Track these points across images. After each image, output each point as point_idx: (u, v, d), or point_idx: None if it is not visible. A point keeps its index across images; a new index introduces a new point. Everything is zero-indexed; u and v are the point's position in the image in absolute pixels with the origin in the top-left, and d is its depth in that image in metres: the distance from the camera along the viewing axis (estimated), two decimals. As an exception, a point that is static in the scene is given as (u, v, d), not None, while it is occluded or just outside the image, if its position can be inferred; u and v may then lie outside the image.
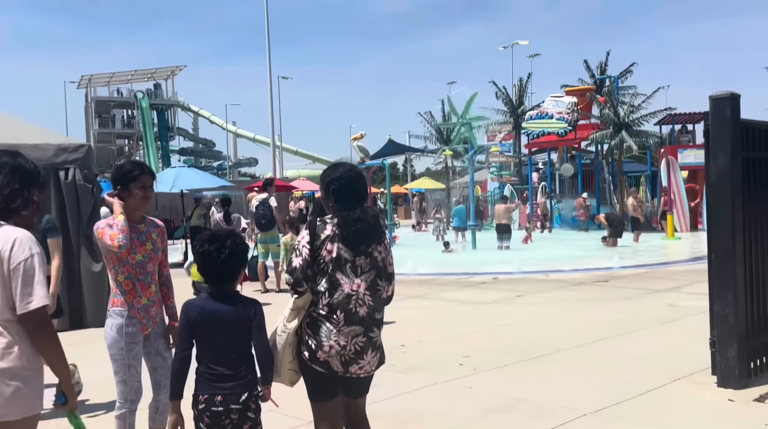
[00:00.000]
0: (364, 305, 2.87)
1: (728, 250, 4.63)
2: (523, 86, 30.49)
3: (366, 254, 2.90)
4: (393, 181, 60.11)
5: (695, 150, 23.65)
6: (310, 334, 2.87)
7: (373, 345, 2.91)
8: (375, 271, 2.92)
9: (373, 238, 2.93)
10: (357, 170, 3.09)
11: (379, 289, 2.93)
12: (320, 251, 2.87)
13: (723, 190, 4.64)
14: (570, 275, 11.86)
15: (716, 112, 4.65)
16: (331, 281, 2.86)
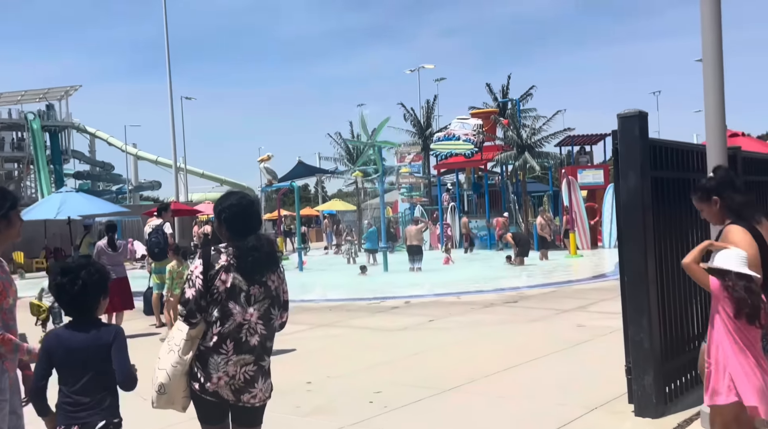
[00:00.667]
0: (256, 334, 2.87)
1: (641, 272, 4.50)
2: (431, 108, 30.90)
3: (260, 283, 2.90)
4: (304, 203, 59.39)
5: (593, 170, 24.70)
6: (199, 367, 2.86)
7: (264, 373, 2.92)
8: (269, 300, 2.92)
9: (270, 266, 2.94)
10: (249, 198, 3.07)
11: (272, 317, 2.94)
12: (214, 281, 2.86)
13: (634, 210, 4.52)
14: (481, 297, 11.76)
15: (625, 131, 4.54)
16: (224, 311, 2.85)
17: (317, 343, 8.27)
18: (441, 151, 25.85)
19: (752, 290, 3.07)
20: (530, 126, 24.89)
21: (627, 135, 4.53)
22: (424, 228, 20.31)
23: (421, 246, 17.65)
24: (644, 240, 4.49)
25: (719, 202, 3.36)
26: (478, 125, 25.44)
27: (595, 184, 24.31)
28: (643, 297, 4.50)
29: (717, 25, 4.22)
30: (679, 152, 5.04)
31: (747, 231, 3.25)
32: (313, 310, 11.21)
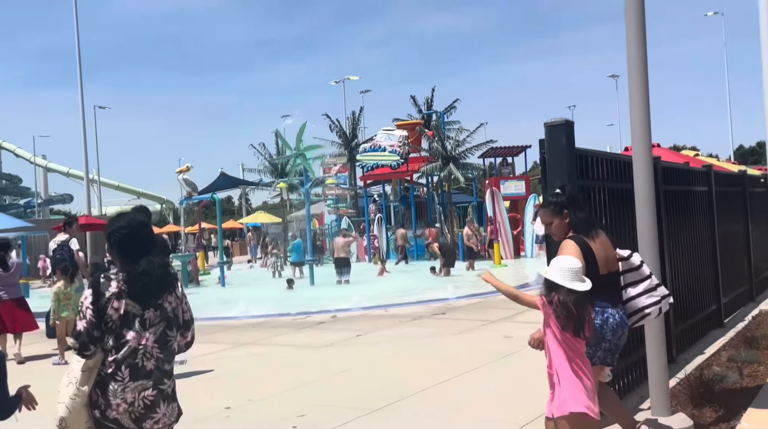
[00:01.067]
0: (152, 358, 2.84)
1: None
2: (356, 120, 30.83)
3: (156, 306, 2.86)
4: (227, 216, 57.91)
5: (515, 181, 25.28)
6: (99, 394, 2.82)
7: (165, 396, 2.87)
8: (165, 323, 2.88)
9: (163, 289, 2.89)
10: (140, 219, 2.99)
11: (170, 339, 2.90)
12: (107, 310, 2.80)
13: (562, 220, 4.45)
14: (409, 309, 11.62)
15: (552, 140, 4.49)
16: (118, 338, 2.80)
17: (238, 363, 7.85)
18: (367, 163, 25.75)
19: (580, 303, 3.27)
20: (454, 138, 25.21)
21: (554, 144, 4.48)
22: (352, 240, 20.11)
23: (348, 258, 17.40)
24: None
25: (568, 216, 3.70)
26: (403, 136, 25.52)
27: (518, 194, 24.87)
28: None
29: (642, 38, 4.23)
30: (605, 162, 5.05)
31: (578, 245, 3.59)
32: (235, 328, 10.74)
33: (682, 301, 6.63)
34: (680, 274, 6.64)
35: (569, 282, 3.29)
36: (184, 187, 18.89)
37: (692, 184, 7.47)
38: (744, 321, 8.25)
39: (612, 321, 3.66)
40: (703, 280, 7.52)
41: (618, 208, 5.21)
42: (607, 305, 3.65)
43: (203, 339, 9.69)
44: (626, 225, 5.47)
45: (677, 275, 6.52)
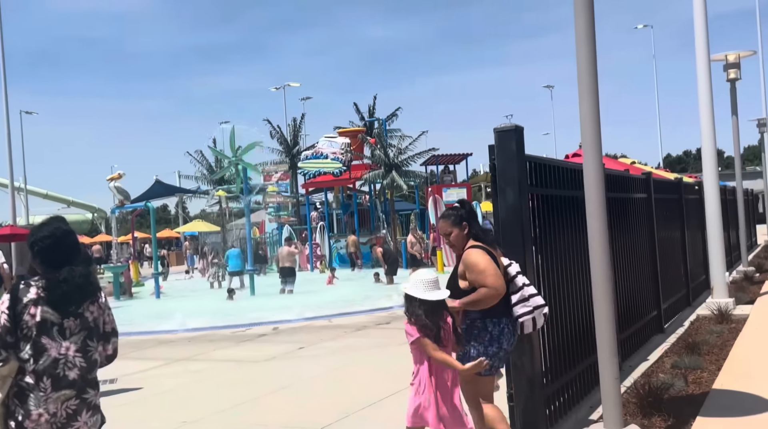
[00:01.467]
0: (75, 367, 2.81)
1: (522, 293, 4.31)
2: (298, 126, 30.38)
3: (76, 315, 2.83)
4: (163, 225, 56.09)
5: (457, 189, 25.42)
6: (18, 404, 2.76)
7: (88, 406, 2.85)
8: (86, 332, 2.86)
9: (83, 298, 2.86)
10: (64, 228, 2.96)
11: (90, 349, 2.87)
12: (23, 316, 2.77)
13: (513, 228, 4.32)
14: (353, 319, 11.37)
15: (502, 146, 4.35)
16: (37, 347, 2.76)
17: (172, 381, 7.41)
18: (309, 170, 25.38)
19: (432, 313, 3.52)
20: (396, 146, 25.17)
21: (504, 150, 4.34)
22: (297, 252, 19.69)
23: (293, 268, 16.99)
24: (524, 259, 4.30)
25: (467, 227, 3.89)
26: (345, 144, 25.30)
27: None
28: (525, 319, 4.29)
29: (591, 42, 4.15)
30: (556, 169, 4.97)
31: (484, 251, 3.80)
32: (170, 343, 10.23)
33: (625, 307, 6.65)
34: (623, 281, 6.66)
35: (422, 293, 3.53)
36: (116, 195, 18.04)
37: (632, 192, 7.55)
38: (683, 326, 8.40)
39: (507, 330, 3.80)
40: (645, 287, 7.60)
41: (569, 215, 5.14)
42: (503, 315, 3.79)
43: (135, 355, 9.18)
44: (576, 232, 5.42)
45: (621, 282, 6.53)
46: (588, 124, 4.16)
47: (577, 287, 5.31)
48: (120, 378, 7.55)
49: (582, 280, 5.48)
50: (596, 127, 4.17)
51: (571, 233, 5.23)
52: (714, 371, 5.94)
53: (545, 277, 4.66)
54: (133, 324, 12.41)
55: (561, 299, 4.93)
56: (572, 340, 5.11)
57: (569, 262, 5.14)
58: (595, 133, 4.16)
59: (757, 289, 10.95)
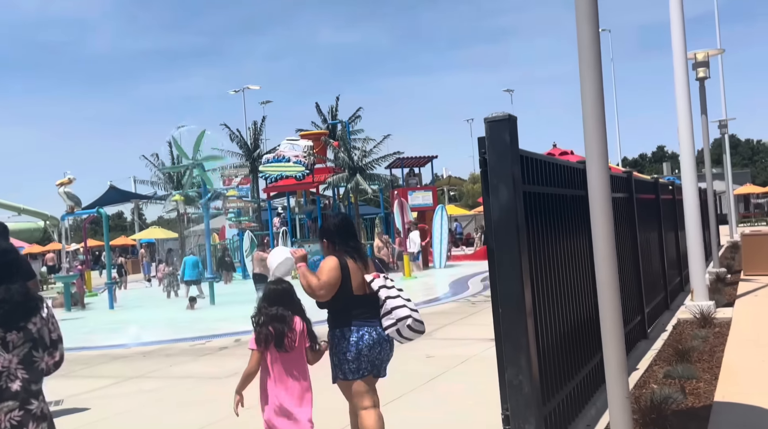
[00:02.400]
0: (17, 379, 2.81)
1: (518, 303, 3.84)
2: (258, 129, 29.60)
3: (18, 329, 2.81)
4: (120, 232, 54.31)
5: (423, 192, 25.08)
6: None
7: (33, 417, 2.84)
8: (30, 344, 2.85)
9: (27, 315, 2.83)
10: (3, 246, 3.00)
11: (35, 360, 2.86)
12: None
13: (508, 231, 3.86)
14: (317, 328, 10.77)
15: (494, 138, 3.89)
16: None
17: (123, 402, 6.73)
18: (271, 174, 24.66)
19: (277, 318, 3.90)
20: (360, 148, 24.67)
21: (497, 142, 3.88)
22: (266, 255, 18.94)
23: (265, 274, 16.24)
24: (520, 265, 3.84)
25: (327, 243, 4.16)
26: (308, 147, 24.67)
27: (425, 205, 24.67)
28: (522, 332, 3.83)
29: (595, 33, 3.72)
30: (550, 166, 4.53)
31: (337, 259, 4.03)
32: (123, 358, 9.48)
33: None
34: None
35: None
36: (66, 201, 17.05)
37: (615, 191, 7.22)
38: (666, 330, 8.10)
39: (367, 338, 4.00)
40: (629, 290, 7.27)
41: (566, 215, 4.72)
42: (363, 324, 4.00)
43: (84, 373, 8.43)
44: (572, 233, 5.00)
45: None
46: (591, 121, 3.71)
47: (572, 292, 4.90)
48: (66, 399, 6.84)
49: (577, 285, 5.07)
50: (600, 123, 3.73)
51: (565, 236, 4.81)
52: (710, 381, 5.59)
53: (538, 284, 4.21)
54: (83, 338, 11.59)
55: (555, 306, 4.50)
56: (568, 350, 4.69)
57: (564, 268, 4.72)
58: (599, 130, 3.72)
59: (732, 290, 10.79)
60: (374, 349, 4.03)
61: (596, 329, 5.63)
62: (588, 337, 5.29)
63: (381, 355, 4.11)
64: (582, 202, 5.55)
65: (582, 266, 5.27)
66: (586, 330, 5.31)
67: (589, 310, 5.41)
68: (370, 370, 4.07)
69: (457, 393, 6.09)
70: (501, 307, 3.93)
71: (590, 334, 5.36)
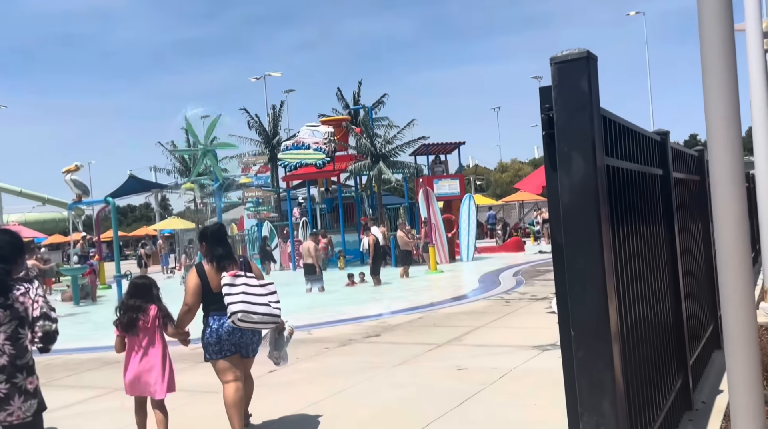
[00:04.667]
0: (4, 354, 3.03)
1: (601, 324, 2.68)
2: (278, 115, 28.55)
3: (4, 306, 3.08)
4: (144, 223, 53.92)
5: (449, 180, 23.82)
6: None
7: (20, 390, 3.04)
8: (17, 321, 3.09)
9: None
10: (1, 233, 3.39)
11: (21, 337, 3.10)
12: None
13: (585, 220, 2.69)
14: (337, 329, 9.71)
15: (566, 87, 2.71)
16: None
17: (100, 423, 5.71)
18: (290, 162, 23.64)
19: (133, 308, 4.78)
20: (383, 135, 23.46)
21: (570, 93, 2.70)
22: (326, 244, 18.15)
23: (315, 265, 15.13)
24: (603, 269, 2.67)
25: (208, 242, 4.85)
26: (329, 133, 23.58)
27: (452, 194, 23.43)
28: (606, 367, 2.66)
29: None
30: (632, 134, 3.34)
31: (195, 271, 4.86)
32: (115, 364, 8.43)
33: (692, 319, 5.10)
34: (688, 283, 5.09)
35: None
36: (72, 190, 16.20)
37: (690, 172, 5.99)
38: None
39: (226, 325, 4.68)
40: (703, 291, 6.05)
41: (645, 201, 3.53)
42: (221, 315, 4.70)
43: (66, 382, 7.48)
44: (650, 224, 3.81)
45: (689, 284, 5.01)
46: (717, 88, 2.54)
47: (651, 303, 3.72)
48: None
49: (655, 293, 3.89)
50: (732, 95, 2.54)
51: (644, 228, 3.63)
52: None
53: (624, 295, 3.04)
54: (80, 336, 10.68)
55: (639, 322, 3.33)
56: (652, 379, 3.52)
57: (644, 270, 3.54)
58: (727, 84, 2.53)
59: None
60: (234, 335, 4.74)
61: (675, 345, 4.44)
62: (667, 357, 4.13)
63: (243, 339, 4.81)
64: (659, 184, 4.36)
65: (659, 267, 4.09)
66: (665, 348, 4.14)
67: (667, 322, 4.24)
68: (234, 351, 4.80)
69: (497, 422, 4.94)
70: (574, 329, 2.76)
71: (669, 353, 4.20)
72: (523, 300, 11.48)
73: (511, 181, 44.83)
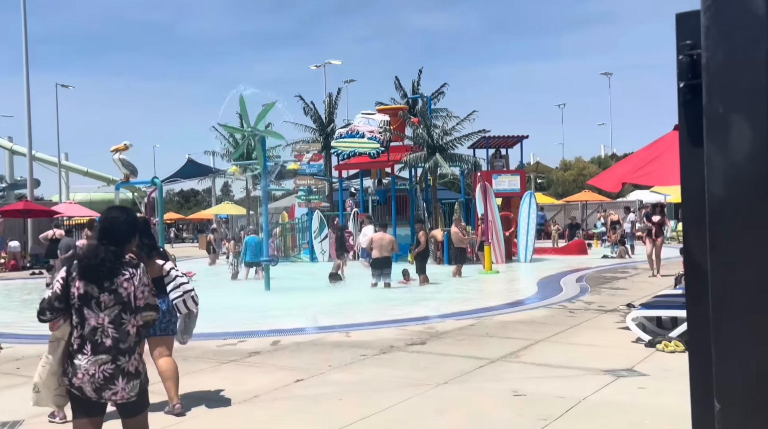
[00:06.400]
0: (109, 337, 3.19)
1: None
2: (334, 102, 27.80)
3: (110, 291, 3.23)
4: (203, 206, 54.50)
5: (509, 176, 22.53)
6: (69, 363, 3.24)
7: (122, 372, 3.20)
8: (120, 306, 3.23)
9: (106, 275, 3.23)
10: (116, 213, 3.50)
11: (124, 322, 3.24)
12: (71, 289, 3.24)
13: (751, 224, 1.66)
14: (378, 333, 8.78)
15: (728, 5, 1.67)
16: (81, 316, 3.23)
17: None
18: (343, 150, 22.85)
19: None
20: (441, 126, 22.32)
21: (736, 17, 1.65)
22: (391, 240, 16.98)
23: (389, 257, 14.19)
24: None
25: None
26: (385, 122, 22.66)
27: (511, 190, 22.14)
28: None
29: None
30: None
31: None
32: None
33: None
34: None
35: None
36: (120, 169, 15.81)
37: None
38: None
39: (165, 307, 5.04)
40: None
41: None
42: (164, 297, 5.02)
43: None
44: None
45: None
46: None
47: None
48: (28, 421, 5.18)
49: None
50: None
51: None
52: None
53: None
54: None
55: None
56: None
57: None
58: None
59: None
60: (165, 316, 5.06)
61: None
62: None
63: (172, 319, 5.33)
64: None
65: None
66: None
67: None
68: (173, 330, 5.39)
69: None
70: (720, 399, 1.70)
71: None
72: (590, 311, 10.27)
73: (575, 179, 42.83)
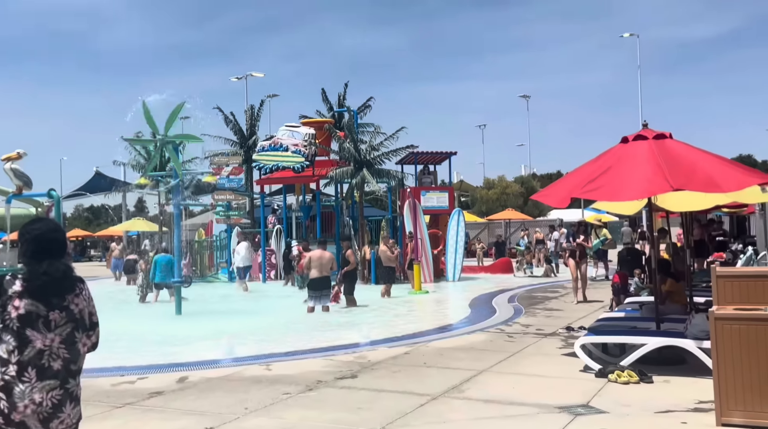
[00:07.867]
0: (59, 359, 2.88)
1: None
2: (256, 114, 26.52)
3: (61, 308, 2.94)
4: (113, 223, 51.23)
5: (438, 193, 22.03)
6: (3, 398, 2.80)
7: (70, 396, 2.92)
8: (72, 324, 2.95)
9: (58, 291, 2.94)
10: (53, 224, 3.12)
11: (76, 340, 2.96)
12: (7, 308, 2.87)
13: None
14: (302, 364, 7.74)
15: None
16: (21, 338, 2.85)
17: None
18: (265, 163, 21.67)
19: None
20: (369, 141, 21.58)
21: None
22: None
23: (329, 277, 12.82)
24: None
25: None
26: (310, 135, 21.68)
27: (440, 208, 21.62)
28: None
29: None
30: None
31: None
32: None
33: None
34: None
35: None
36: (12, 180, 13.99)
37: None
38: None
39: None
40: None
41: None
42: None
43: None
44: None
45: None
46: None
47: None
48: None
49: None
50: None
51: None
52: None
53: None
54: None
55: None
56: None
57: None
58: None
59: None
60: None
61: None
62: None
63: None
64: None
65: None
66: None
67: None
68: None
69: None
70: None
71: None
72: (529, 335, 9.63)
73: (498, 198, 43.20)
